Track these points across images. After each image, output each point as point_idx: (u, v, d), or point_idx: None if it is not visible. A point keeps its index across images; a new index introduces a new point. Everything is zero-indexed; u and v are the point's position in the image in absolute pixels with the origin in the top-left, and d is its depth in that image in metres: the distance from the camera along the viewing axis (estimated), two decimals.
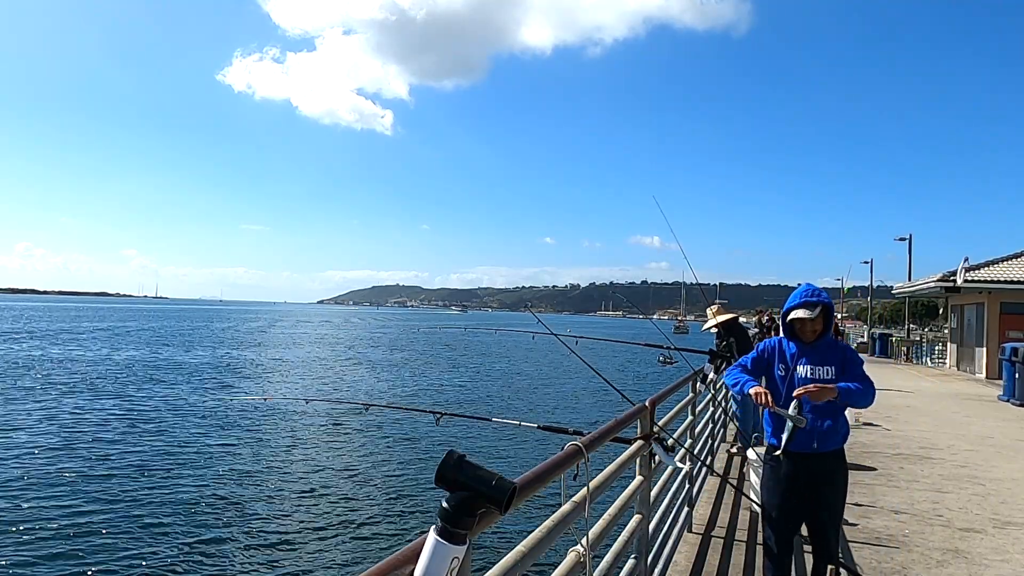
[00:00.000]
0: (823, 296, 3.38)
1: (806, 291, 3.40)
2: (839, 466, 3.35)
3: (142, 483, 11.33)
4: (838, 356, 3.38)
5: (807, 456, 3.29)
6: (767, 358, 3.47)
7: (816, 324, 3.36)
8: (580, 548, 2.11)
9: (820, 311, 3.34)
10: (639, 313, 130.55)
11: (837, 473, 3.33)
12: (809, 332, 3.37)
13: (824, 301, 3.36)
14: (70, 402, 19.30)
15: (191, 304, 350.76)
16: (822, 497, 3.29)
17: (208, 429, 16.19)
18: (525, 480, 1.71)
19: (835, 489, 3.33)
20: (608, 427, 2.66)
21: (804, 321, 3.33)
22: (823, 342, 3.40)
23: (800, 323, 3.35)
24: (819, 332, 3.38)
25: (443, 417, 4.43)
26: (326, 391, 24.89)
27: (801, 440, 3.25)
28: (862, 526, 5.31)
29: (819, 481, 3.29)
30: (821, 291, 3.41)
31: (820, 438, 3.28)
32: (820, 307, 3.33)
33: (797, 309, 3.35)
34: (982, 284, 20.54)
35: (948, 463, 7.84)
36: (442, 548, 1.19)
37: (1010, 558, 4.68)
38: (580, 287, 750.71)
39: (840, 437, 3.35)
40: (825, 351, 3.39)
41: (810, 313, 3.31)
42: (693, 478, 5.07)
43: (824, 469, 3.30)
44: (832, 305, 3.40)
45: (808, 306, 3.34)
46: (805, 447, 3.28)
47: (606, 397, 22.46)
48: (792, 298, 3.43)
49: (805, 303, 3.35)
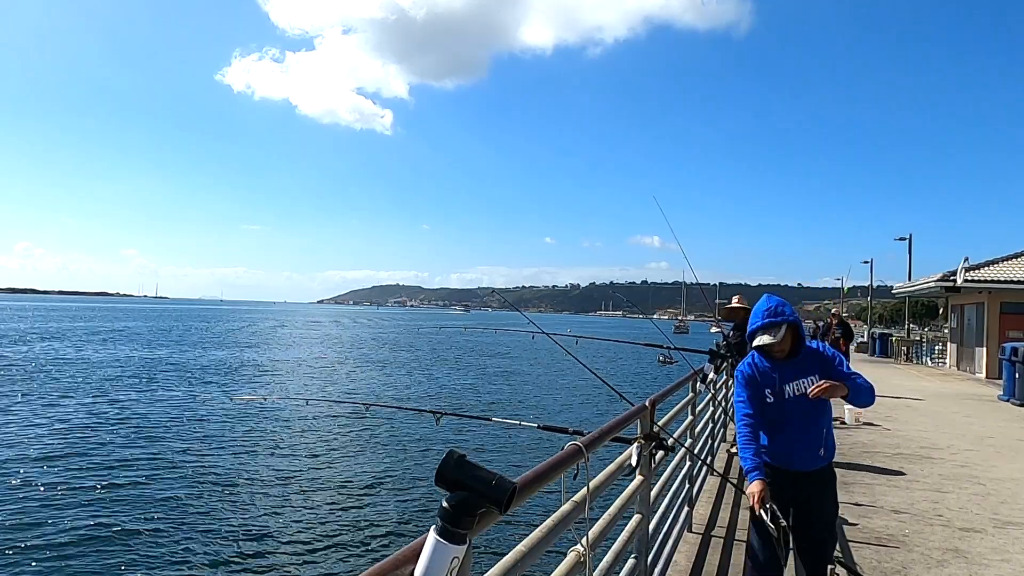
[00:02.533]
0: (786, 314, 3.11)
1: (765, 311, 3.12)
2: (832, 478, 3.23)
3: (142, 483, 11.33)
4: (816, 361, 3.16)
5: (801, 475, 3.13)
6: (756, 389, 3.20)
7: (784, 343, 3.12)
8: (580, 548, 2.11)
9: (786, 331, 3.10)
10: (639, 313, 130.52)
11: (830, 489, 3.20)
12: (779, 351, 3.14)
13: (788, 320, 3.09)
14: (70, 402, 19.30)
15: (191, 304, 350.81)
16: (818, 514, 3.14)
17: (208, 429, 16.20)
18: (525, 480, 1.71)
19: (829, 507, 3.19)
20: (608, 427, 2.66)
21: (771, 346, 3.11)
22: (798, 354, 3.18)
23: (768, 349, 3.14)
24: (790, 350, 3.15)
25: (443, 417, 4.43)
26: (326, 391, 24.90)
27: (795, 458, 3.12)
28: (862, 526, 5.31)
29: (815, 497, 3.14)
30: (782, 306, 3.14)
31: (815, 455, 3.14)
32: (784, 327, 3.09)
33: (760, 335, 3.11)
34: (982, 284, 20.54)
35: (948, 463, 7.84)
36: (442, 548, 1.19)
37: (1010, 558, 4.68)
38: (580, 287, 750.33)
39: (832, 452, 3.21)
40: (803, 362, 3.17)
41: (774, 338, 3.07)
42: (693, 478, 5.07)
43: (820, 485, 3.16)
44: (798, 320, 3.14)
45: (770, 329, 3.09)
46: (801, 466, 3.14)
47: (606, 397, 22.47)
48: (753, 316, 3.17)
49: (767, 326, 3.10)
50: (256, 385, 26.16)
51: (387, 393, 24.72)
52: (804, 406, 3.10)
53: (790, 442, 3.13)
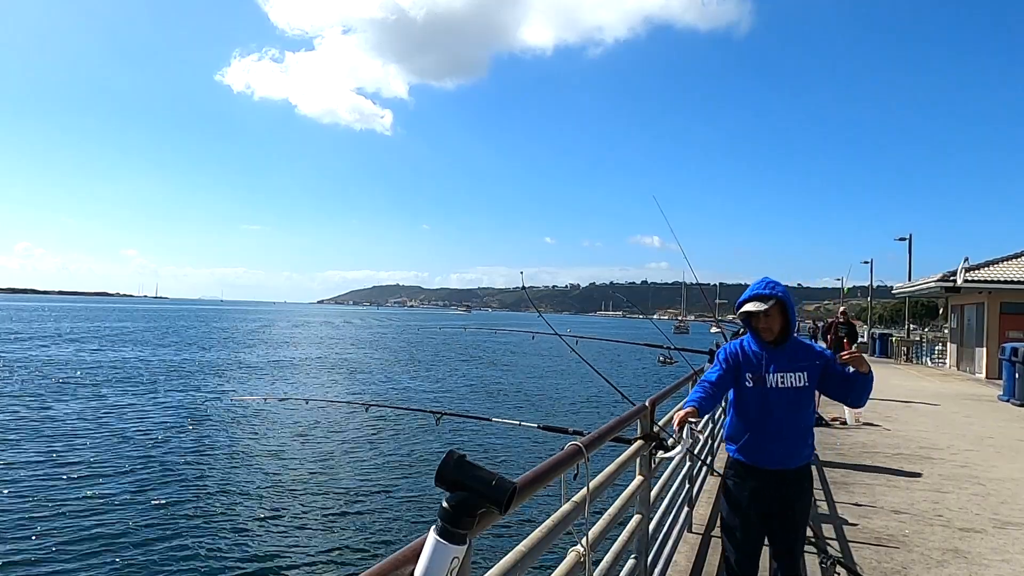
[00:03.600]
0: (778, 289, 3.02)
1: (760, 283, 3.05)
2: (808, 481, 3.10)
3: (140, 483, 11.33)
4: (810, 359, 3.04)
5: (778, 473, 3.03)
6: (734, 366, 3.12)
7: (772, 322, 3.02)
8: (580, 548, 2.11)
9: (774, 305, 2.99)
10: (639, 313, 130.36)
11: (806, 489, 3.08)
12: (766, 330, 3.04)
13: (778, 295, 3.00)
14: (69, 403, 19.30)
15: (191, 304, 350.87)
16: (789, 516, 3.03)
17: (208, 429, 16.20)
18: (525, 480, 1.71)
19: (804, 507, 3.08)
20: (608, 427, 2.66)
21: (757, 316, 3.02)
22: (790, 344, 3.06)
23: (754, 319, 3.04)
24: (779, 331, 3.05)
25: (443, 417, 4.43)
26: (326, 391, 24.91)
27: (775, 455, 3.02)
28: (862, 526, 5.31)
29: (788, 498, 3.03)
30: (777, 284, 3.05)
31: (793, 452, 3.03)
32: (774, 300, 2.98)
33: (748, 302, 3.02)
34: (982, 284, 20.54)
35: (948, 463, 7.83)
36: (442, 548, 1.19)
37: (1010, 558, 4.68)
38: (580, 287, 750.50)
39: (811, 450, 3.12)
40: (794, 354, 3.05)
41: (761, 306, 2.97)
42: (693, 478, 5.07)
43: (794, 486, 3.04)
44: (789, 300, 3.03)
45: (760, 299, 3.00)
46: (780, 463, 3.03)
47: (606, 397, 22.48)
48: (746, 292, 3.09)
49: (757, 295, 3.01)
50: (256, 385, 26.15)
51: (387, 393, 24.72)
52: (788, 398, 3.00)
53: (770, 436, 3.02)
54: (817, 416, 10.32)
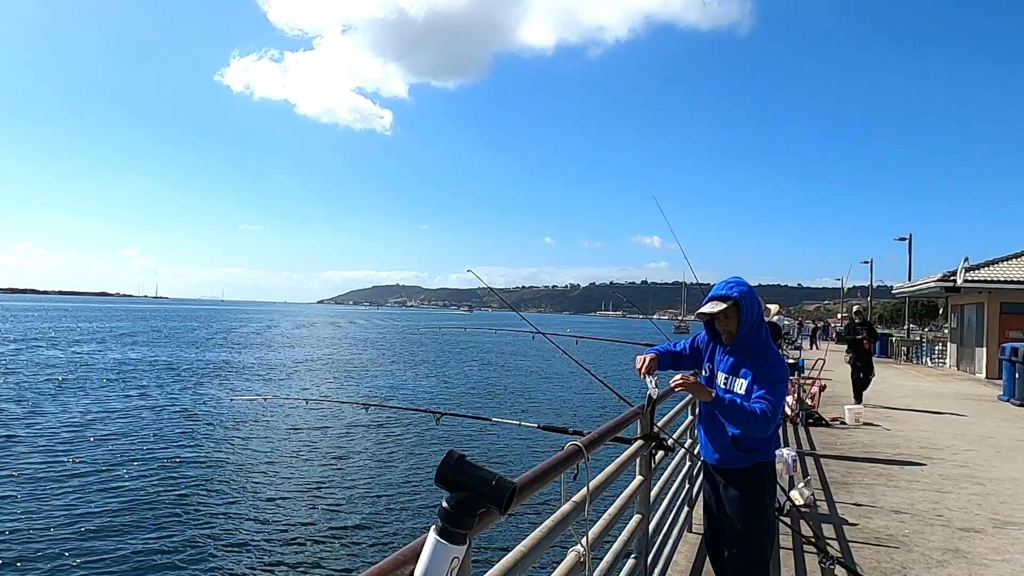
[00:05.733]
0: (735, 289, 2.91)
1: (721, 284, 2.99)
2: (741, 488, 2.96)
3: (139, 483, 11.32)
4: (754, 365, 2.88)
5: (710, 466, 3.11)
6: (702, 348, 3.19)
7: (729, 324, 2.94)
8: (580, 548, 2.11)
9: (732, 306, 2.90)
10: (639, 313, 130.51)
11: (735, 495, 2.96)
12: (725, 332, 2.99)
13: (734, 295, 2.89)
14: (69, 403, 19.29)
15: (191, 304, 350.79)
16: (723, 513, 3.04)
17: (208, 429, 16.19)
18: (525, 480, 1.71)
19: (733, 510, 2.97)
20: (608, 427, 2.66)
21: (711, 318, 2.99)
22: (745, 348, 2.94)
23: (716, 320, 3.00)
24: (734, 332, 2.95)
25: (443, 417, 4.42)
26: (326, 391, 24.90)
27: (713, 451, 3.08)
28: (862, 526, 5.31)
29: (718, 495, 3.07)
30: (739, 284, 2.95)
31: (718, 450, 3.03)
32: (731, 301, 2.89)
33: (705, 303, 2.99)
34: (982, 284, 20.54)
35: (948, 463, 7.84)
36: (442, 548, 1.19)
37: (1010, 558, 4.68)
38: (580, 287, 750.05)
39: (741, 456, 2.95)
40: (743, 358, 2.93)
41: (719, 306, 2.90)
42: (693, 478, 5.07)
43: (722, 485, 3.03)
44: (746, 300, 2.90)
45: (716, 299, 2.94)
46: (706, 455, 3.13)
47: (606, 397, 22.46)
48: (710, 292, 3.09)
49: (713, 297, 2.96)
50: (256, 385, 26.15)
51: (387, 393, 24.71)
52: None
53: (707, 430, 3.14)
54: (817, 416, 10.33)
